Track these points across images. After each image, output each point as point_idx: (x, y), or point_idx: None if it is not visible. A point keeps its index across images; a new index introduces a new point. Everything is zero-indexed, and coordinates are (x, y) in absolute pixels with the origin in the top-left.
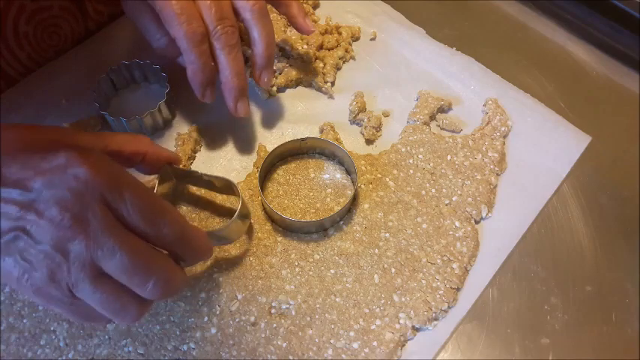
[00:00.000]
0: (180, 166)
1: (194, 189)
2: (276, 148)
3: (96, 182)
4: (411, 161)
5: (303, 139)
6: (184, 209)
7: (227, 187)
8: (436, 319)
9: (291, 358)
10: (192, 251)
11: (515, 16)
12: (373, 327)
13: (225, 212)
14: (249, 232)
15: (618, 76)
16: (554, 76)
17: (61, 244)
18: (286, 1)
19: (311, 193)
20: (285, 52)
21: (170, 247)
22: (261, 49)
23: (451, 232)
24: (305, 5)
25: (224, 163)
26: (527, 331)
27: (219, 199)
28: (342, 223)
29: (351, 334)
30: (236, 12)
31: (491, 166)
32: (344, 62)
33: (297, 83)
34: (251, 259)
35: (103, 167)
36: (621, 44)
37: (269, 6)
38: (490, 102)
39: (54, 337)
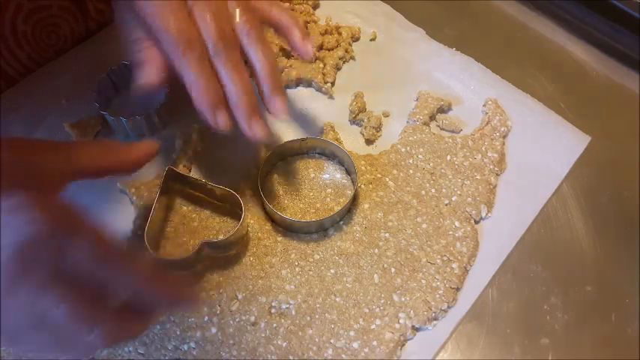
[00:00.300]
0: (180, 166)
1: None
2: (276, 148)
3: (49, 229)
4: (410, 161)
5: (303, 139)
6: (184, 209)
7: (229, 198)
8: (436, 319)
9: (291, 357)
10: (156, 298)
11: (515, 16)
12: (373, 327)
13: (226, 212)
14: (249, 231)
15: (618, 76)
16: (554, 76)
17: (4, 290)
18: (283, 25)
19: (311, 193)
20: (285, 51)
21: (132, 294)
22: (264, 74)
23: (451, 232)
24: (305, 5)
25: (224, 163)
26: (527, 331)
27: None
28: (342, 223)
29: (351, 333)
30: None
31: (491, 166)
32: (344, 62)
33: (297, 83)
34: (251, 259)
35: (57, 212)
36: (621, 44)
37: None
38: (490, 102)
39: None
